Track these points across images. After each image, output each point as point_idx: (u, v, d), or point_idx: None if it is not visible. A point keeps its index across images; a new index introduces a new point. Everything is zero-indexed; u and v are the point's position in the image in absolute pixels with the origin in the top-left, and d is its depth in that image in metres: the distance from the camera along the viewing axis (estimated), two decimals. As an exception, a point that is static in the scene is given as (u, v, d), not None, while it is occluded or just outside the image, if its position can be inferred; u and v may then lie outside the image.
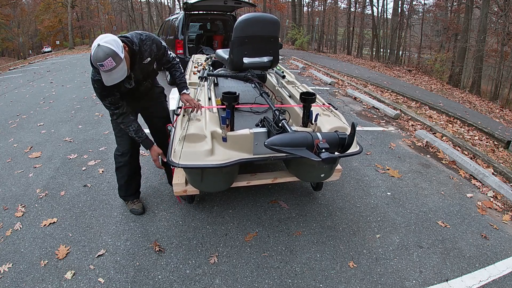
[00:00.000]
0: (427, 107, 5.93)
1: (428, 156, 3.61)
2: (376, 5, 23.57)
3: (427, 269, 1.95)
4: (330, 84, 7.34)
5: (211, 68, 3.18)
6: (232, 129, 1.89)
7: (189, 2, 5.38)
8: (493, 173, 3.17)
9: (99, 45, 1.52)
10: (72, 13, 26.16)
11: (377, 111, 5.31)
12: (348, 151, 1.62)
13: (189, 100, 2.01)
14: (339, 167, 2.27)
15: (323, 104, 2.34)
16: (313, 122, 1.99)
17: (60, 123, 4.34)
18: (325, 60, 13.35)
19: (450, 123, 5.11)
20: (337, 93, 6.46)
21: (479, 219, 2.50)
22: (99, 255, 1.94)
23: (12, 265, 1.86)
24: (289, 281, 1.81)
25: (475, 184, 3.05)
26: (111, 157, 3.23)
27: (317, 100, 2.25)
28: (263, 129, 1.87)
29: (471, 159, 3.49)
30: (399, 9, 19.21)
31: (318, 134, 1.47)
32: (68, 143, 3.64)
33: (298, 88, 2.71)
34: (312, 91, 2.31)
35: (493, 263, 2.04)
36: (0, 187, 2.73)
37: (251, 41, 2.41)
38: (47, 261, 1.89)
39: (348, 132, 1.73)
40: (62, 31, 30.45)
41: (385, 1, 49.65)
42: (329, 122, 2.02)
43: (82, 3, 28.31)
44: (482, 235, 2.30)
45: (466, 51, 14.21)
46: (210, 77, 2.75)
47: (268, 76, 2.98)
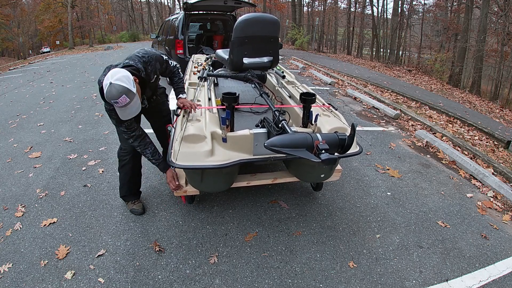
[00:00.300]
0: (427, 107, 5.93)
1: (428, 156, 3.61)
2: (376, 5, 23.61)
3: (427, 269, 1.95)
4: (330, 84, 7.34)
5: (211, 68, 3.18)
6: (232, 130, 1.89)
7: (189, 2, 5.37)
8: (493, 173, 3.17)
9: (111, 84, 1.56)
10: (72, 13, 26.15)
11: (377, 111, 5.31)
12: (348, 152, 1.62)
13: (184, 102, 2.05)
14: (339, 167, 2.27)
15: (323, 104, 2.34)
16: (313, 122, 1.99)
17: (60, 123, 4.35)
18: (325, 60, 13.35)
19: (450, 123, 5.11)
20: (337, 93, 6.46)
21: (479, 219, 2.50)
22: (99, 255, 1.94)
23: (12, 265, 1.87)
24: (289, 281, 1.81)
25: (475, 184, 3.05)
26: (111, 157, 3.24)
27: (317, 100, 2.25)
28: (263, 130, 1.87)
29: (471, 159, 3.49)
30: (399, 9, 19.21)
31: (317, 135, 1.47)
32: (68, 143, 3.64)
33: (298, 88, 2.71)
34: (312, 91, 2.31)
35: (493, 263, 2.04)
36: (0, 187, 2.73)
37: (251, 41, 2.41)
38: (47, 261, 1.89)
39: (348, 132, 1.73)
40: (62, 31, 30.44)
41: (385, 1, 49.68)
42: (329, 122, 2.02)
43: (82, 3, 28.30)
44: (482, 235, 2.30)
45: (466, 51, 14.22)
46: (210, 77, 2.75)
47: (268, 76, 2.98)
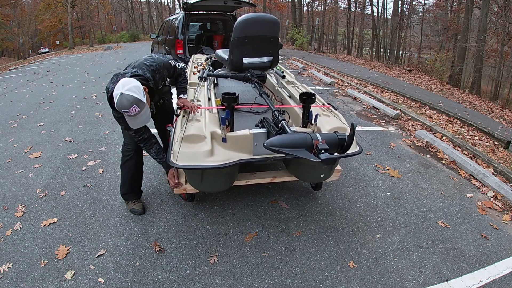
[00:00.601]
0: (427, 107, 5.93)
1: (428, 156, 3.61)
2: (376, 5, 23.61)
3: (427, 269, 1.95)
4: (330, 84, 7.34)
5: (211, 68, 3.18)
6: (231, 130, 1.89)
7: (189, 2, 5.37)
8: (493, 173, 3.17)
9: (122, 94, 1.59)
10: (72, 13, 26.15)
11: (377, 111, 5.31)
12: (347, 152, 1.62)
13: (185, 102, 2.05)
14: (338, 167, 2.27)
15: (323, 104, 2.34)
16: (312, 122, 1.99)
17: (60, 123, 4.35)
18: (325, 60, 13.35)
19: (450, 123, 5.11)
20: (337, 93, 6.46)
21: (479, 219, 2.50)
22: (99, 255, 1.94)
23: (12, 265, 1.87)
24: (289, 281, 1.81)
25: (475, 184, 3.05)
26: (111, 157, 3.24)
27: (316, 100, 2.25)
28: (263, 130, 1.87)
29: (471, 159, 3.49)
30: (399, 9, 19.22)
31: (317, 134, 1.47)
32: (68, 143, 3.64)
33: (298, 88, 2.71)
34: (311, 91, 2.31)
35: (493, 263, 2.04)
36: (0, 187, 2.73)
37: (251, 41, 2.41)
38: (47, 261, 1.89)
39: (347, 132, 1.73)
40: (62, 31, 30.44)
41: (385, 1, 49.66)
42: (328, 122, 2.02)
43: (82, 3, 28.31)
44: (482, 235, 2.30)
45: (466, 51, 14.22)
46: (210, 77, 2.75)
47: (268, 76, 2.98)
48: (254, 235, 2.15)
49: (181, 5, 20.60)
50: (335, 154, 1.54)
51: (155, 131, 2.29)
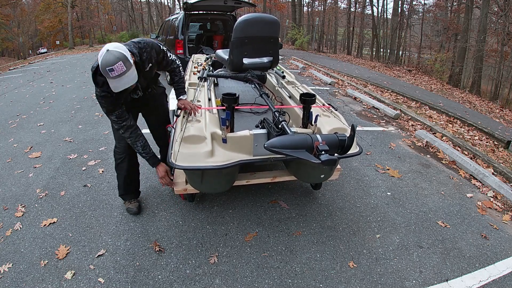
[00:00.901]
0: (427, 107, 5.94)
1: (428, 156, 3.61)
2: (376, 5, 23.60)
3: (427, 269, 1.96)
4: (330, 84, 7.34)
5: (211, 68, 3.18)
6: (232, 130, 1.89)
7: (189, 2, 5.37)
8: (493, 173, 3.17)
9: (108, 51, 1.51)
10: (72, 13, 26.14)
11: (377, 111, 5.31)
12: (347, 153, 1.62)
13: (185, 103, 2.03)
14: (338, 166, 2.27)
15: (323, 104, 2.34)
16: (313, 123, 1.99)
17: (60, 123, 4.35)
18: (325, 60, 13.35)
19: (450, 123, 5.11)
20: (337, 93, 6.46)
21: (479, 219, 2.51)
22: (99, 255, 1.94)
23: (12, 265, 1.87)
24: (289, 281, 1.81)
25: (475, 184, 3.05)
26: (111, 157, 3.22)
27: (317, 101, 2.25)
28: (263, 131, 1.87)
29: (471, 159, 3.49)
30: (399, 9, 19.21)
31: (317, 136, 1.47)
32: (68, 143, 3.64)
33: (298, 88, 2.71)
34: (312, 91, 2.31)
35: (493, 263, 2.05)
36: (0, 187, 2.74)
37: (251, 42, 2.41)
38: (47, 261, 1.89)
39: (348, 133, 1.73)
40: (62, 31, 30.43)
41: (385, 1, 49.64)
42: (329, 123, 2.02)
43: (82, 3, 28.29)
44: (482, 235, 2.30)
45: (466, 51, 14.21)
46: (210, 78, 2.75)
47: (268, 76, 2.98)
48: (254, 235, 2.15)
49: (181, 5, 20.60)
50: (335, 155, 1.54)
51: (146, 131, 2.22)
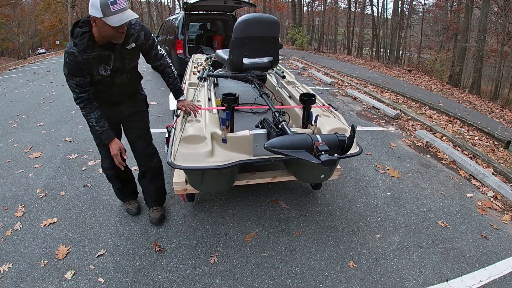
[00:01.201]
0: (427, 107, 5.94)
1: (428, 156, 3.61)
2: (376, 5, 23.60)
3: (427, 269, 1.96)
4: (330, 84, 7.34)
5: (211, 68, 3.18)
6: (232, 131, 1.89)
7: (189, 2, 5.37)
8: (493, 173, 3.17)
9: None
10: (72, 13, 26.14)
11: (377, 111, 5.31)
12: (347, 153, 1.62)
13: (185, 105, 1.97)
14: (338, 166, 2.27)
15: (323, 105, 2.34)
16: (313, 123, 1.99)
17: (60, 123, 4.34)
18: (325, 60, 13.35)
19: (450, 123, 5.11)
20: (337, 93, 6.46)
21: (479, 219, 2.51)
22: (99, 255, 1.94)
23: (12, 265, 1.87)
24: (289, 281, 1.81)
25: (475, 184, 3.05)
26: (111, 157, 3.24)
27: (317, 101, 2.25)
28: (263, 131, 1.87)
29: (471, 159, 3.49)
30: (399, 9, 19.22)
31: (317, 136, 1.47)
32: (68, 143, 3.64)
33: (298, 88, 2.71)
34: (312, 92, 2.31)
35: (493, 263, 2.05)
36: (0, 187, 2.74)
37: (251, 42, 2.41)
38: (47, 261, 1.89)
39: (347, 133, 1.73)
40: (62, 31, 30.41)
41: (385, 1, 49.61)
42: (329, 123, 2.02)
43: (82, 3, 28.27)
44: (482, 235, 2.30)
45: (466, 51, 14.22)
46: (210, 78, 2.75)
47: (268, 76, 2.98)
48: (254, 235, 2.15)
49: (181, 5, 20.60)
50: (335, 155, 1.54)
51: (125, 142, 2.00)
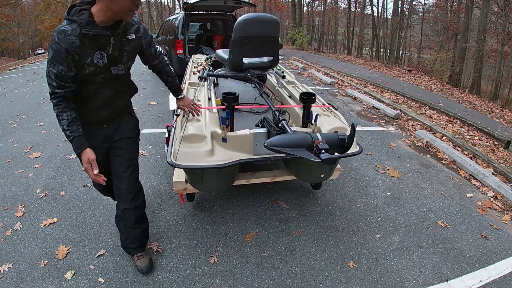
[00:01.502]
0: (427, 107, 5.94)
1: (428, 156, 3.61)
2: (376, 5, 23.61)
3: (427, 269, 1.95)
4: (330, 84, 7.34)
5: (211, 68, 3.18)
6: (232, 130, 1.89)
7: (189, 2, 5.37)
8: (493, 173, 3.17)
9: None
10: (72, 13, 26.12)
11: (377, 111, 5.31)
12: (348, 152, 1.62)
13: (186, 105, 1.91)
14: (338, 166, 2.27)
15: (323, 104, 2.33)
16: (313, 122, 1.99)
17: (60, 123, 4.34)
18: (325, 60, 13.35)
19: (450, 123, 5.11)
20: (337, 93, 6.46)
21: (479, 219, 2.50)
22: (99, 255, 1.94)
23: (12, 265, 1.87)
24: (289, 281, 1.81)
25: (475, 184, 3.05)
26: (111, 157, 3.23)
27: (317, 100, 2.25)
28: (263, 130, 1.87)
29: (471, 159, 3.49)
30: (399, 9, 19.23)
31: (317, 134, 1.47)
32: (68, 143, 3.62)
33: (298, 88, 2.71)
34: (312, 91, 2.31)
35: (493, 263, 2.04)
36: (0, 187, 2.73)
37: (251, 41, 2.41)
38: (47, 261, 1.89)
39: (348, 132, 1.73)
40: (62, 31, 30.39)
41: (385, 1, 49.65)
42: (329, 122, 2.02)
43: (82, 3, 28.28)
44: (482, 235, 2.30)
45: (466, 51, 14.22)
46: (210, 77, 2.75)
47: (268, 76, 2.98)
48: (254, 235, 2.15)
49: (181, 5, 20.60)
50: (336, 154, 1.54)
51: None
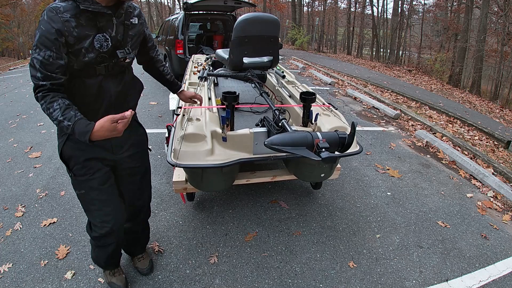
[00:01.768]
0: (427, 107, 5.93)
1: (428, 156, 3.61)
2: (376, 5, 23.60)
3: (427, 269, 1.95)
4: (330, 84, 7.34)
5: (211, 68, 3.18)
6: (232, 129, 1.89)
7: (189, 2, 5.37)
8: (493, 173, 3.17)
9: None
10: (72, 13, 26.13)
11: (377, 111, 5.31)
12: (348, 151, 1.62)
13: (189, 96, 1.77)
14: (338, 165, 2.27)
15: (323, 104, 2.33)
16: (313, 121, 1.99)
17: (60, 123, 4.34)
18: (325, 60, 13.35)
19: (450, 123, 5.11)
20: (337, 93, 6.46)
21: (479, 219, 2.50)
22: (99, 255, 1.94)
23: (12, 265, 1.86)
24: (289, 281, 1.81)
25: (475, 184, 3.05)
26: (111, 157, 3.23)
27: (317, 100, 2.25)
28: (263, 129, 1.87)
29: (471, 159, 3.49)
30: (399, 9, 19.22)
31: (318, 133, 1.47)
32: (68, 143, 3.63)
33: (298, 88, 2.71)
34: (312, 91, 2.31)
35: (493, 263, 2.04)
36: (0, 187, 2.73)
37: (251, 41, 2.41)
38: (47, 261, 1.89)
39: (348, 131, 1.73)
40: (62, 31, 30.40)
41: (385, 1, 49.63)
42: (329, 121, 2.02)
43: (82, 3, 28.29)
44: (482, 235, 2.30)
45: (466, 51, 14.22)
46: (210, 77, 2.75)
47: (268, 76, 2.98)
48: (254, 235, 2.15)
49: (181, 5, 20.59)
50: (336, 153, 1.54)
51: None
